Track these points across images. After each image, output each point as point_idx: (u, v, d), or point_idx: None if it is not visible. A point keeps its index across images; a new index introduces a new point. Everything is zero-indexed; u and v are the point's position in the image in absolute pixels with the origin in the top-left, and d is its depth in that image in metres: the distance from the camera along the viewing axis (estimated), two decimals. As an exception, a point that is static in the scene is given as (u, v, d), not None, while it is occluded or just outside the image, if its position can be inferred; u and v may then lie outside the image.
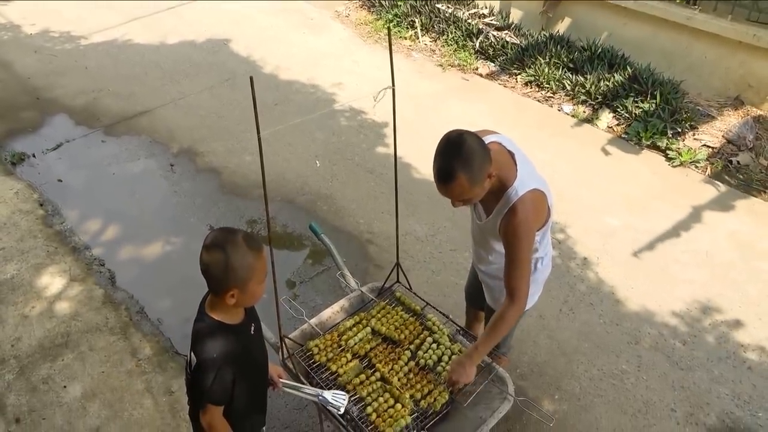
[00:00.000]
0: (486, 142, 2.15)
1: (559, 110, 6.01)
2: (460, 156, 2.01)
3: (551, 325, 3.71)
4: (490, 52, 6.86)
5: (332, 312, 2.75)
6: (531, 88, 6.39)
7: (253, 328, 2.07)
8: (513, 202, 2.17)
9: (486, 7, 7.60)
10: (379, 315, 2.66)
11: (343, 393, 2.23)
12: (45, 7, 8.31)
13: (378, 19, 7.95)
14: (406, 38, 7.51)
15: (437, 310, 2.71)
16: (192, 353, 1.92)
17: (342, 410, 2.19)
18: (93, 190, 4.96)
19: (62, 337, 3.59)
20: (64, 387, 3.30)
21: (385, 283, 2.82)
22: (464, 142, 2.02)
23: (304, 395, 2.27)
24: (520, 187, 2.19)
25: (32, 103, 6.18)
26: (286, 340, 2.48)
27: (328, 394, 2.20)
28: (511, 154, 2.26)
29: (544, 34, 6.75)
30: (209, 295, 1.95)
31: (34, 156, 5.35)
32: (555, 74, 6.22)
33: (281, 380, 2.28)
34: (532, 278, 2.43)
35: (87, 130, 5.75)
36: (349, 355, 2.48)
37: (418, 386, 2.37)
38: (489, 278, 2.65)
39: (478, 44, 6.95)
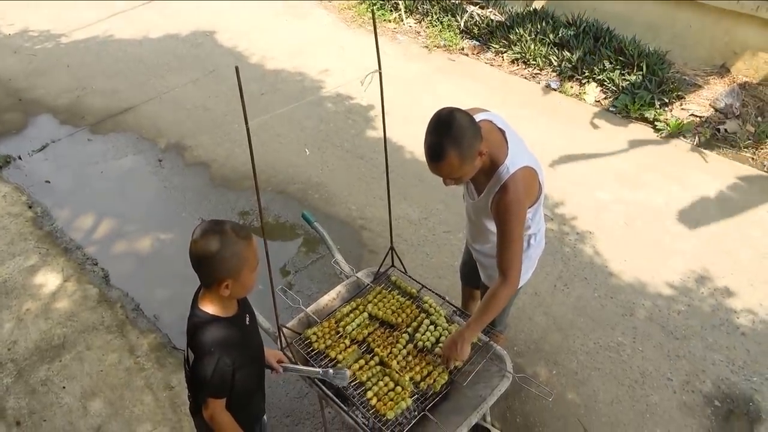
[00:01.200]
0: (477, 120, 2.15)
1: (546, 86, 6.00)
2: (450, 134, 2.00)
3: (546, 301, 3.73)
4: (475, 31, 6.82)
5: (329, 299, 2.76)
6: (518, 65, 6.37)
7: (248, 319, 2.07)
8: (504, 180, 2.17)
9: (469, -14, 7.54)
10: (376, 300, 2.66)
11: (344, 368, 2.25)
12: (22, 6, 8.19)
13: (361, 3, 7.87)
14: (390, 21, 7.45)
15: (433, 292, 2.72)
16: (189, 349, 1.92)
17: (346, 383, 2.22)
18: (82, 190, 4.92)
19: (59, 338, 3.59)
20: (64, 388, 3.30)
21: (380, 268, 2.83)
22: (454, 120, 2.01)
23: (306, 375, 2.28)
24: (511, 164, 2.18)
25: (15, 105, 6.10)
26: (284, 329, 2.48)
27: (330, 370, 2.22)
28: (502, 132, 2.25)
29: (529, 10, 6.71)
30: (201, 290, 1.95)
31: (20, 158, 5.30)
32: (541, 51, 6.20)
33: (281, 364, 2.28)
34: (525, 255, 2.44)
35: (72, 129, 5.69)
36: (347, 341, 2.49)
37: (417, 368, 2.38)
38: (483, 257, 2.66)
39: (462, 23, 6.90)
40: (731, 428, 3.02)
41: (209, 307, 1.91)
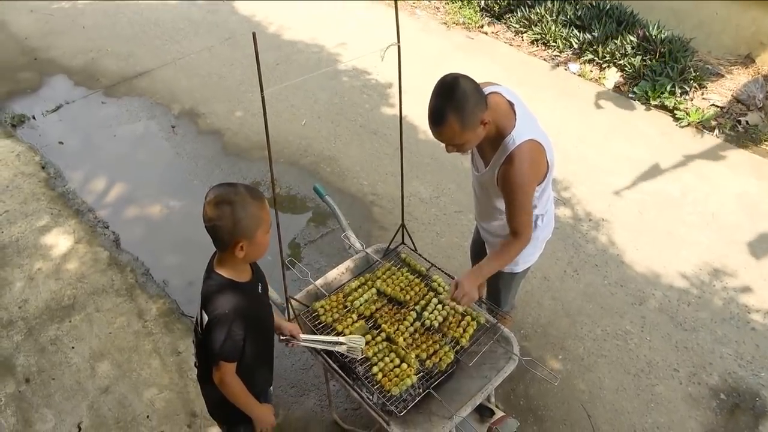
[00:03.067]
0: (485, 92, 2.11)
1: (565, 69, 5.90)
2: (452, 99, 2.00)
3: (555, 286, 3.71)
4: (496, 9, 6.70)
5: (338, 273, 2.75)
6: (537, 46, 6.26)
7: (260, 287, 2.08)
8: (510, 151, 2.14)
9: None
10: (385, 276, 2.65)
11: (359, 336, 2.28)
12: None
13: (381, -24, 7.74)
14: (409, -5, 7.33)
15: (442, 271, 2.70)
16: (203, 312, 1.92)
17: (361, 354, 2.24)
18: (94, 153, 4.92)
19: (69, 298, 3.62)
20: (72, 348, 3.34)
21: (390, 245, 2.81)
22: (458, 86, 2.00)
23: (323, 346, 2.29)
24: (518, 136, 2.15)
25: (30, 64, 6.09)
26: (292, 301, 2.48)
27: (345, 340, 2.25)
28: (511, 105, 2.21)
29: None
30: (216, 255, 1.95)
31: (34, 118, 5.30)
32: (562, 32, 6.08)
33: (301, 335, 2.29)
34: (532, 236, 2.41)
35: (87, 91, 5.68)
36: (354, 316, 2.49)
37: (424, 346, 2.37)
38: (491, 236, 2.64)
39: (483, 1, 6.77)
40: (736, 422, 3.01)
41: (225, 271, 1.92)
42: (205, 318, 1.90)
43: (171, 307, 3.58)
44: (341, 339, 2.27)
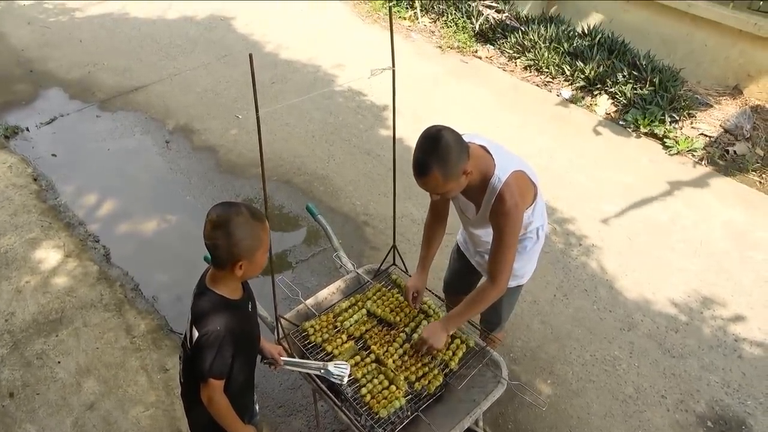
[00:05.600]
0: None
1: (557, 95, 5.98)
2: (436, 151, 2.06)
3: (545, 310, 3.73)
4: (490, 34, 6.80)
5: (328, 293, 2.75)
6: (530, 72, 6.35)
7: (250, 305, 2.09)
8: (499, 190, 2.22)
9: (487, -11, 7.52)
10: (375, 297, 2.66)
11: (345, 363, 2.27)
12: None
13: (377, -1, 7.86)
14: (405, 18, 7.43)
15: (432, 293, 2.72)
16: (193, 328, 1.91)
17: (345, 380, 2.23)
18: (88, 166, 4.92)
19: (56, 312, 3.59)
20: (59, 362, 3.30)
21: (381, 265, 2.82)
22: (441, 138, 2.07)
23: (306, 370, 2.29)
24: (501, 172, 2.23)
25: (26, 76, 6.10)
26: (282, 320, 2.48)
27: (331, 365, 2.24)
28: (485, 148, 2.29)
29: (545, 18, 6.70)
30: (210, 270, 1.96)
31: (27, 130, 5.30)
32: (555, 59, 6.18)
33: (282, 357, 2.28)
34: (532, 249, 2.57)
35: (81, 104, 5.69)
36: (344, 337, 2.49)
37: (413, 368, 2.37)
38: (486, 254, 2.67)
39: (477, 26, 6.88)
40: (721, 450, 3.02)
41: (218, 288, 1.92)
42: (195, 334, 1.89)
43: (160, 324, 3.56)
44: (327, 365, 2.25)
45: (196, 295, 1.95)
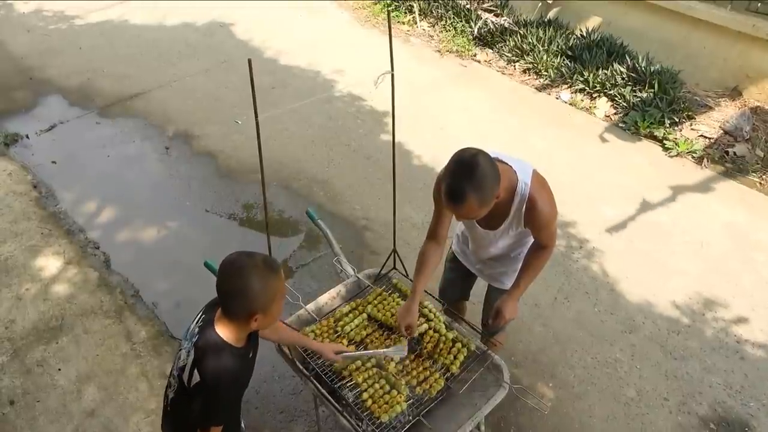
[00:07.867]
0: None
1: (556, 98, 5.99)
2: (472, 179, 1.98)
3: (546, 314, 3.72)
4: (489, 38, 6.81)
5: (329, 298, 2.75)
6: (529, 75, 6.36)
7: (251, 353, 2.00)
8: (528, 194, 2.22)
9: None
10: (376, 301, 2.66)
11: (402, 345, 2.35)
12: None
13: (376, 3, 7.87)
14: (404, 23, 7.44)
15: (433, 297, 2.71)
16: (196, 370, 1.83)
17: (404, 354, 2.33)
18: (87, 173, 4.92)
19: (57, 319, 3.58)
20: (59, 369, 3.29)
21: (381, 270, 2.82)
22: (478, 165, 1.99)
23: (368, 356, 2.39)
24: (524, 178, 2.23)
25: (25, 83, 6.10)
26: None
27: (390, 349, 2.36)
28: (499, 160, 2.25)
29: (543, 21, 6.71)
30: (218, 311, 1.87)
31: (27, 137, 5.30)
32: (553, 62, 6.19)
33: (341, 353, 2.32)
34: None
35: (81, 111, 5.69)
36: (345, 341, 2.48)
37: (414, 373, 2.37)
38: (492, 262, 2.66)
39: (476, 30, 6.89)
40: (724, 452, 3.01)
41: (224, 333, 1.85)
42: (197, 377, 1.83)
43: (160, 330, 3.55)
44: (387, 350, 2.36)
45: (202, 329, 1.87)
